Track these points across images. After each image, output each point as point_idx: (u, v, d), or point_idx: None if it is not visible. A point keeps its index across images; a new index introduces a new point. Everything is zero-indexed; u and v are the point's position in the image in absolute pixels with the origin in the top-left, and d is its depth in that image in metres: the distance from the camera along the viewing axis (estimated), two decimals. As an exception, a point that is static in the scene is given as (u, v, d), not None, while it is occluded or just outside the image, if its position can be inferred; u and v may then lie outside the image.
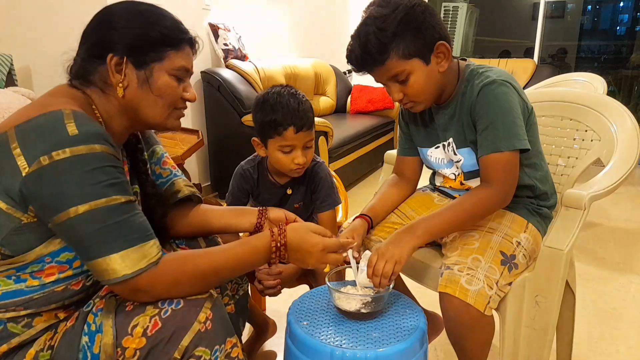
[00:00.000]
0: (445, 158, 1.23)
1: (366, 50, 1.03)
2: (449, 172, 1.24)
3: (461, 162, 1.18)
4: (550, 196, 1.23)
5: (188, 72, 0.89)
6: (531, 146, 1.12)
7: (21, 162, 0.70)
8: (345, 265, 1.11)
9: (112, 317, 0.77)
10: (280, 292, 1.23)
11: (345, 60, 1.10)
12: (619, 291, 1.99)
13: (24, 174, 0.70)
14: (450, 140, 1.18)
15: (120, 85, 0.83)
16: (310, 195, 1.36)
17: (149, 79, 0.84)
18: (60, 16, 2.45)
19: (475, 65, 1.15)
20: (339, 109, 4.25)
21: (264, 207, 1.12)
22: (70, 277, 0.80)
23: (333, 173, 1.62)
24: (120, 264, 0.73)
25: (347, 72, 4.94)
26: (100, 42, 0.83)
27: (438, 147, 1.23)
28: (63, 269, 0.79)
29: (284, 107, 1.20)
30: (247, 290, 1.17)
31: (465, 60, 1.18)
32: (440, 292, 1.02)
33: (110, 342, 0.75)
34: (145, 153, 1.01)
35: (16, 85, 2.31)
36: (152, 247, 0.77)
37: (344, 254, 1.01)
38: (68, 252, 0.78)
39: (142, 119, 0.87)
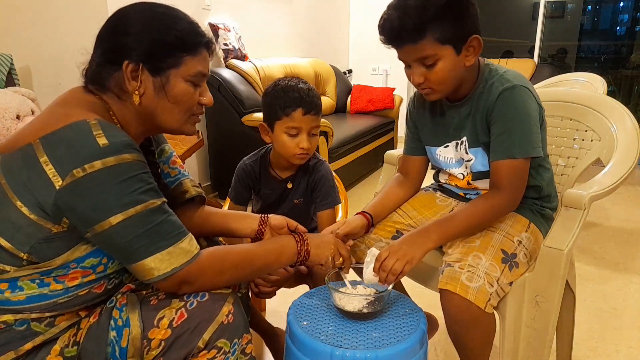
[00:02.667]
0: (454, 157, 1.22)
1: (403, 23, 1.00)
2: (457, 171, 1.23)
3: (472, 162, 1.17)
4: (553, 198, 1.23)
5: (205, 76, 0.89)
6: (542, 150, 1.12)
7: (53, 175, 0.70)
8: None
9: (138, 311, 0.79)
10: (275, 294, 1.23)
11: (378, 29, 1.06)
12: (619, 291, 1.99)
13: (57, 187, 0.70)
14: (464, 139, 1.16)
15: (137, 92, 0.82)
16: (311, 192, 1.37)
17: (165, 85, 0.83)
18: (60, 16, 2.45)
19: (494, 65, 1.14)
20: (339, 109, 4.25)
21: (265, 214, 1.12)
22: (93, 281, 0.81)
23: (334, 173, 1.62)
24: (169, 259, 0.76)
25: (347, 72, 4.94)
26: (115, 47, 0.81)
27: (447, 146, 1.22)
28: (86, 274, 0.80)
29: (294, 90, 1.23)
30: (248, 291, 1.17)
31: (484, 59, 1.16)
32: (440, 289, 1.02)
33: (138, 336, 0.77)
34: (155, 152, 1.01)
35: (16, 85, 2.31)
36: (191, 240, 0.81)
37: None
38: (93, 258, 0.79)
39: (158, 125, 0.88)
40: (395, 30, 1.03)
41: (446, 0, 0.99)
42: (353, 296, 0.97)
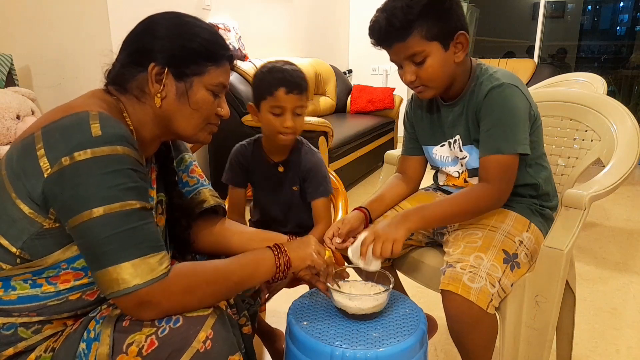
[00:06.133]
0: (450, 156, 1.24)
1: (391, 23, 1.05)
2: (453, 170, 1.25)
3: (466, 159, 1.19)
4: (552, 197, 1.23)
5: (225, 88, 0.89)
6: (536, 147, 1.14)
7: (44, 163, 0.70)
8: (347, 266, 1.11)
9: (111, 327, 0.74)
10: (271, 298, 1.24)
11: (368, 33, 1.11)
12: (619, 291, 1.99)
13: (45, 175, 0.69)
14: (457, 137, 1.19)
15: (159, 95, 0.82)
16: (303, 181, 1.39)
17: (187, 91, 0.83)
18: (60, 16, 2.45)
19: (485, 65, 1.17)
20: (339, 109, 4.25)
21: (292, 236, 1.09)
22: (85, 285, 0.79)
23: (334, 173, 1.62)
24: (132, 273, 0.70)
25: (347, 72, 4.94)
26: (142, 49, 0.82)
27: (444, 145, 1.24)
28: (78, 276, 0.78)
29: (278, 70, 1.27)
30: (257, 310, 1.16)
31: (477, 59, 1.19)
32: (442, 290, 1.03)
33: (106, 353, 0.72)
34: (175, 160, 1.00)
35: (16, 85, 2.31)
36: (163, 259, 0.74)
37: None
38: (84, 259, 0.77)
39: (174, 130, 0.87)
40: (383, 30, 1.07)
41: None
42: (353, 296, 0.97)
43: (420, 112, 1.29)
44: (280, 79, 1.25)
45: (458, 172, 1.24)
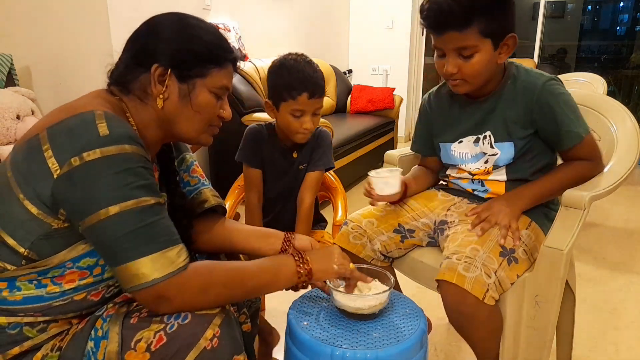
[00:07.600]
0: (470, 152, 1.23)
1: (452, 9, 1.02)
2: (473, 167, 1.23)
3: (497, 156, 1.18)
4: (557, 199, 1.23)
5: (227, 90, 0.90)
6: None
7: (52, 164, 0.70)
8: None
9: (119, 325, 0.75)
10: None
11: (419, 11, 1.10)
12: (619, 291, 1.99)
13: (55, 177, 0.70)
14: (488, 133, 1.18)
15: (161, 96, 0.82)
16: (310, 154, 1.41)
17: (190, 93, 0.83)
18: (60, 16, 2.45)
19: (517, 63, 1.18)
20: (339, 109, 4.24)
21: (290, 233, 1.09)
22: (90, 284, 0.80)
23: (333, 173, 1.62)
24: (150, 267, 0.71)
25: (347, 72, 4.94)
26: (146, 50, 0.82)
27: (462, 141, 1.23)
28: (83, 275, 0.78)
29: (299, 72, 1.26)
30: (259, 306, 1.16)
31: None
32: (438, 281, 1.04)
33: (115, 350, 0.73)
34: (175, 160, 1.01)
35: (16, 85, 2.32)
36: (181, 251, 0.75)
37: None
38: (89, 258, 0.78)
39: (176, 132, 0.87)
40: (442, 15, 1.04)
41: None
42: (353, 296, 0.97)
43: (442, 108, 1.28)
44: (302, 83, 1.25)
45: (478, 168, 1.23)
